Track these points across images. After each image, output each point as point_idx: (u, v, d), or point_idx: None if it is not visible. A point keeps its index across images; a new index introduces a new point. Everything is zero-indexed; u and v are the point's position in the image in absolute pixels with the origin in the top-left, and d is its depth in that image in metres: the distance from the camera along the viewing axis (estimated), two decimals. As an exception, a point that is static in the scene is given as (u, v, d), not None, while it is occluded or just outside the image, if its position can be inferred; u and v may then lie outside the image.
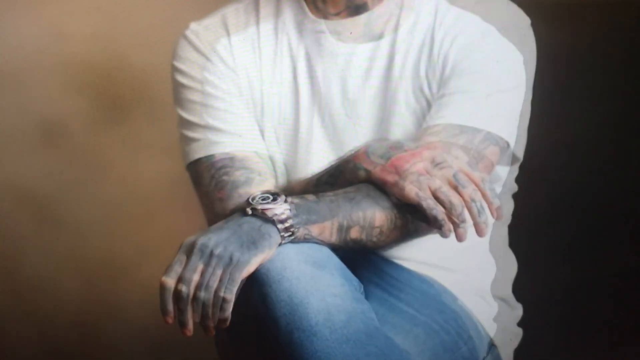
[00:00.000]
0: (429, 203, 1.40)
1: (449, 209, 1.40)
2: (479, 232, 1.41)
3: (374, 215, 1.46)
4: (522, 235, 1.78)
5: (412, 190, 1.42)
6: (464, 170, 1.43)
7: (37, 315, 2.48)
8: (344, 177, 1.51)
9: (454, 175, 1.42)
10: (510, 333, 1.72)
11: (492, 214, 1.42)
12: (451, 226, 1.40)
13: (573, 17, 2.16)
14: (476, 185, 1.43)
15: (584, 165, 2.15)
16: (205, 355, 1.55)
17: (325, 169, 1.57)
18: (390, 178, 1.45)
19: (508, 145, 1.59)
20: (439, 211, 1.40)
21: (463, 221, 1.40)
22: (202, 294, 1.35)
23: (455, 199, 1.40)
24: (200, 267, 1.36)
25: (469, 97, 1.58)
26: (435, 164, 1.44)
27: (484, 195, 1.42)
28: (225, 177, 1.61)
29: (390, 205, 1.47)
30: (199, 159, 1.63)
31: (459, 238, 1.41)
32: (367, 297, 1.57)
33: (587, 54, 2.14)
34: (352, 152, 1.52)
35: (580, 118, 2.21)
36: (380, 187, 1.46)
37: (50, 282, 2.47)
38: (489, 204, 1.42)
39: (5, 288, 2.46)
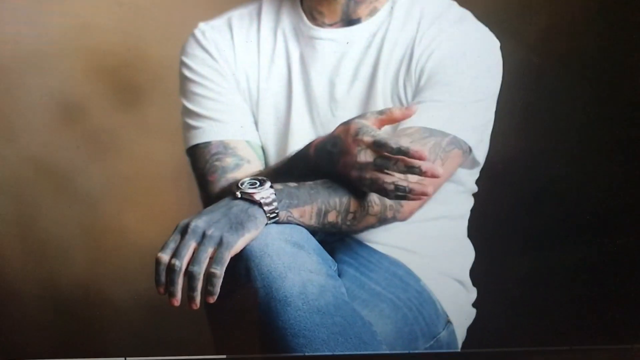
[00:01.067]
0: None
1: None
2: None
3: (349, 201, 1.52)
4: (481, 228, 1.84)
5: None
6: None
7: (47, 275, 2.50)
8: (296, 169, 1.57)
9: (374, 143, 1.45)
10: (466, 312, 1.81)
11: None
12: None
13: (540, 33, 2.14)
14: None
15: (539, 173, 2.14)
16: (195, 317, 1.59)
17: (281, 162, 1.64)
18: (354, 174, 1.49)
19: (470, 150, 1.66)
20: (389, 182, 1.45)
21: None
22: (194, 268, 1.39)
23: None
24: (193, 245, 1.41)
25: (440, 105, 1.64)
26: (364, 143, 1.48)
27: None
28: (217, 163, 1.67)
29: (364, 193, 1.54)
30: (197, 145, 1.71)
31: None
32: (340, 275, 1.66)
33: (551, 72, 2.14)
34: (302, 149, 1.57)
35: (543, 124, 2.18)
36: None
37: (61, 246, 2.48)
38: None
39: (19, 249, 2.48)
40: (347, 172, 1.49)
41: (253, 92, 1.73)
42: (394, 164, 1.44)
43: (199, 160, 1.71)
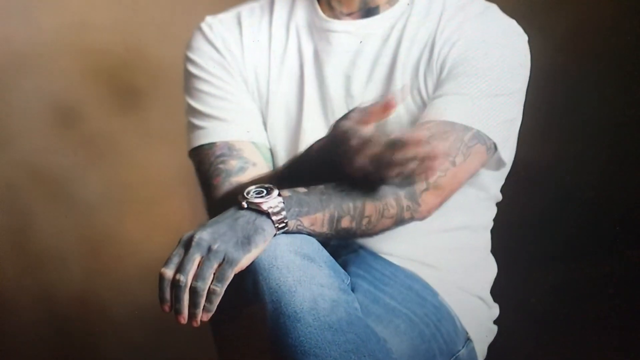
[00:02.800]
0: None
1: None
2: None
3: (363, 205, 1.50)
4: (503, 239, 1.84)
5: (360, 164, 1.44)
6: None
7: (43, 288, 2.51)
8: (300, 173, 1.55)
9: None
10: (486, 329, 1.78)
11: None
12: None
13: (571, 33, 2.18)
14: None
15: (567, 180, 2.17)
16: (200, 333, 1.60)
17: (285, 166, 1.62)
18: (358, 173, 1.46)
19: (495, 147, 1.64)
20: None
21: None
22: (198, 284, 1.38)
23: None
24: (198, 259, 1.40)
25: (463, 98, 1.62)
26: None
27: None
28: (221, 165, 1.66)
29: (379, 195, 1.51)
30: (201, 146, 1.69)
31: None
32: (353, 289, 1.62)
33: (583, 66, 2.17)
34: (307, 148, 1.56)
35: (570, 128, 2.22)
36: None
37: (58, 256, 2.50)
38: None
39: (14, 260, 2.50)
40: (352, 174, 1.48)
41: (263, 93, 1.73)
42: (391, 159, 1.42)
43: (203, 162, 1.70)
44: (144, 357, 2.51)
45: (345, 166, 1.47)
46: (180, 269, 1.41)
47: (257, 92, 1.74)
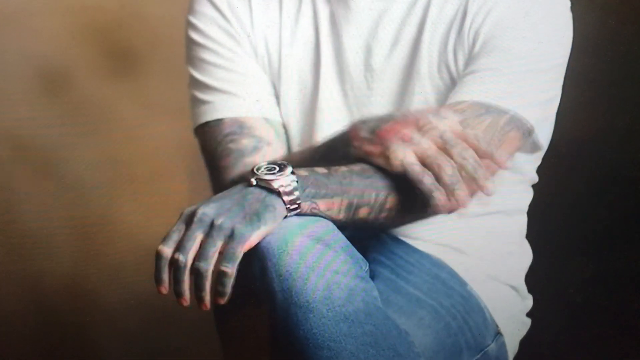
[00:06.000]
0: (414, 169, 1.43)
1: (437, 173, 1.42)
2: (482, 189, 1.42)
3: (386, 197, 1.51)
4: (539, 225, 1.84)
5: (397, 158, 1.45)
6: (453, 129, 1.46)
7: (29, 274, 2.51)
8: (336, 154, 1.55)
9: (441, 136, 1.44)
10: (519, 322, 1.80)
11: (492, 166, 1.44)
12: (443, 191, 1.41)
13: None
14: (468, 142, 1.44)
15: (612, 158, 2.16)
16: (201, 323, 1.63)
17: (321, 144, 1.61)
18: (375, 149, 1.49)
19: (532, 130, 1.65)
20: (425, 176, 1.42)
21: (456, 182, 1.42)
22: (200, 264, 1.39)
23: (442, 159, 1.42)
24: (200, 236, 1.40)
25: (497, 75, 1.62)
26: (420, 127, 1.46)
27: (478, 151, 1.44)
28: (231, 145, 1.67)
29: (407, 190, 1.49)
30: (207, 123, 1.70)
31: (460, 202, 1.42)
32: (373, 276, 1.65)
33: (629, 38, 2.15)
34: (344, 129, 1.55)
35: (611, 107, 2.21)
36: (369, 161, 1.49)
37: (45, 240, 2.50)
38: (488, 156, 1.44)
39: None
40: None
41: (273, 60, 1.74)
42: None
43: (209, 141, 1.70)
44: (139, 349, 2.52)
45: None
46: (179, 247, 1.41)
47: (268, 59, 1.74)
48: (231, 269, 1.40)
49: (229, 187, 1.54)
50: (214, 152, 1.69)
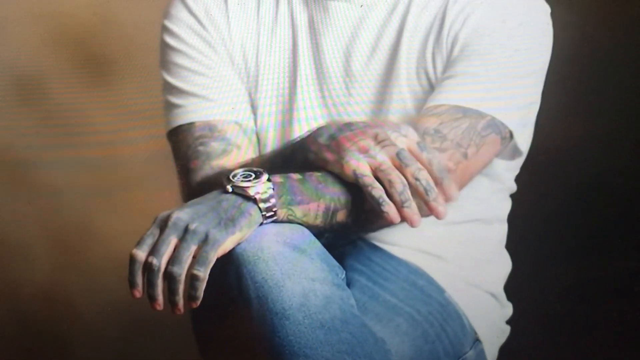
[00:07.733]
0: (365, 180, 1.44)
1: (388, 188, 1.42)
2: (433, 212, 1.42)
3: (363, 199, 1.49)
4: (518, 232, 1.85)
5: (350, 167, 1.46)
6: (410, 148, 1.46)
7: (4, 283, 2.51)
8: (295, 160, 1.55)
9: (397, 153, 1.44)
10: (498, 330, 1.81)
11: (444, 194, 1.43)
12: (393, 207, 1.42)
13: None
14: (422, 164, 1.44)
15: (591, 166, 2.16)
16: (180, 331, 1.60)
17: (279, 150, 1.63)
18: (331, 157, 1.49)
19: (511, 135, 1.66)
20: (376, 189, 1.43)
21: (406, 200, 1.41)
22: (174, 269, 1.39)
23: (394, 176, 1.42)
24: (174, 241, 1.41)
25: (475, 80, 1.64)
26: (378, 141, 1.46)
27: (430, 173, 1.43)
28: (200, 148, 1.68)
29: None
30: (180, 127, 1.71)
31: (410, 222, 1.42)
32: (350, 284, 1.65)
33: (608, 44, 2.15)
34: (303, 135, 1.56)
35: (591, 114, 2.21)
36: (325, 168, 1.49)
37: (20, 248, 2.50)
38: (437, 183, 1.43)
39: None
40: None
41: (250, 67, 1.74)
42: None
43: (181, 145, 1.71)
44: (118, 357, 2.51)
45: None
46: (153, 251, 1.42)
47: (245, 66, 1.74)
48: (203, 273, 1.40)
49: (196, 189, 1.58)
50: (184, 155, 1.70)
